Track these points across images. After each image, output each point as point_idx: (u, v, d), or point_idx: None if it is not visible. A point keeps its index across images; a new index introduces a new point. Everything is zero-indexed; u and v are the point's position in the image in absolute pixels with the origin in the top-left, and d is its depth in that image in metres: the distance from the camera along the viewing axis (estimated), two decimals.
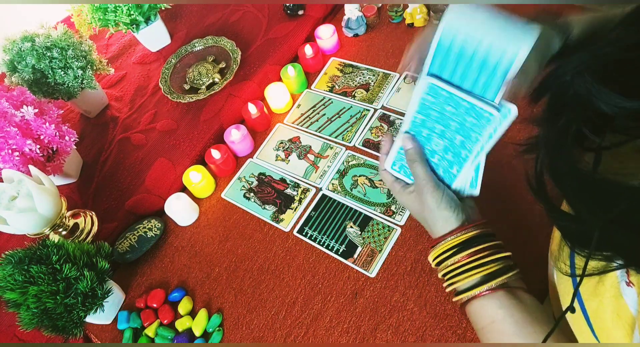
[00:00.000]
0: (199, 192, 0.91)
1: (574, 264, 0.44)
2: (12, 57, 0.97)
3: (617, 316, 0.39)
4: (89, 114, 1.12)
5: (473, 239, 0.52)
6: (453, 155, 0.54)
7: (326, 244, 0.80)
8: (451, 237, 0.53)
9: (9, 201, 0.77)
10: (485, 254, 0.51)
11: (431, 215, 0.55)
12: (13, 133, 0.81)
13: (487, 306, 0.51)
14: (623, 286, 0.38)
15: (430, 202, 0.54)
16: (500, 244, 0.53)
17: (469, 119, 0.49)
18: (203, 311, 0.77)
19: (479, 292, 0.51)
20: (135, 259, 0.85)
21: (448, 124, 0.52)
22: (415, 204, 0.57)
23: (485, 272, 0.51)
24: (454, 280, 0.53)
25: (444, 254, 0.53)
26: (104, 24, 1.08)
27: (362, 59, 1.03)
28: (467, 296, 0.52)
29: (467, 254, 0.52)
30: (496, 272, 0.51)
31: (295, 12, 1.12)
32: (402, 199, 0.59)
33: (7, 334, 0.85)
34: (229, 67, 1.08)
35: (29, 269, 0.69)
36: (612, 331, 0.40)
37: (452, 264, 0.53)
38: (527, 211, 0.73)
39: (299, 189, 0.88)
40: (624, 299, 0.38)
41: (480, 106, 0.47)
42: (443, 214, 0.54)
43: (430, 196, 0.54)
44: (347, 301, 0.73)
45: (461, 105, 0.49)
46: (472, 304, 0.52)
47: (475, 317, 0.53)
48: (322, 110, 0.98)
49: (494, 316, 0.50)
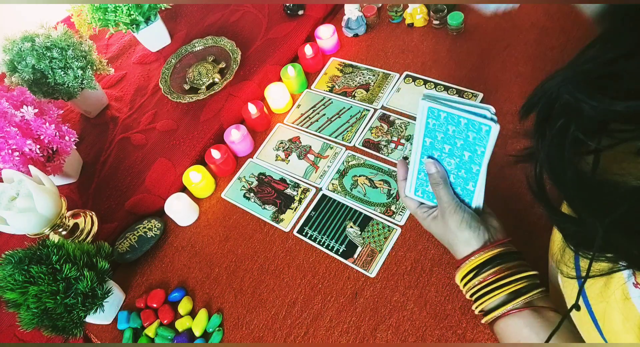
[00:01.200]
0: (199, 192, 0.91)
1: (578, 267, 0.44)
2: (12, 57, 0.97)
3: (626, 318, 0.38)
4: (89, 114, 1.12)
5: (495, 258, 0.53)
6: (466, 172, 0.55)
7: (326, 244, 0.80)
8: (473, 257, 0.53)
9: (9, 201, 0.77)
10: (509, 272, 0.52)
11: (453, 236, 0.56)
12: (13, 133, 0.81)
13: (512, 325, 0.51)
14: (631, 288, 0.38)
15: (451, 224, 0.55)
16: (525, 263, 0.54)
17: (471, 134, 0.52)
18: (203, 311, 0.77)
19: (504, 311, 0.51)
20: (135, 259, 0.85)
21: (454, 142, 0.54)
22: (439, 228, 0.58)
23: (510, 291, 0.51)
24: (481, 301, 0.53)
25: (468, 275, 0.54)
26: (104, 24, 1.08)
27: (362, 59, 1.03)
28: (493, 316, 0.52)
29: (490, 273, 0.52)
30: (521, 291, 0.51)
31: (295, 12, 1.12)
32: (427, 224, 0.60)
33: (7, 334, 0.85)
34: (229, 67, 1.08)
35: (29, 269, 0.69)
36: (621, 334, 0.40)
37: (477, 284, 0.53)
38: (527, 211, 0.73)
39: (299, 189, 0.88)
40: (631, 300, 0.38)
41: (477, 121, 0.50)
42: (464, 234, 0.54)
43: (451, 217, 0.55)
44: (347, 301, 0.73)
45: (461, 123, 0.52)
46: (499, 323, 0.53)
47: (502, 337, 0.53)
48: (322, 111, 0.98)
49: (519, 335, 0.51)
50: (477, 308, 0.55)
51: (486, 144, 0.51)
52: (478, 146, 0.52)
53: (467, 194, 0.57)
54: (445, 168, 0.57)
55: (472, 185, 0.56)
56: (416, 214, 0.62)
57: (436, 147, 0.56)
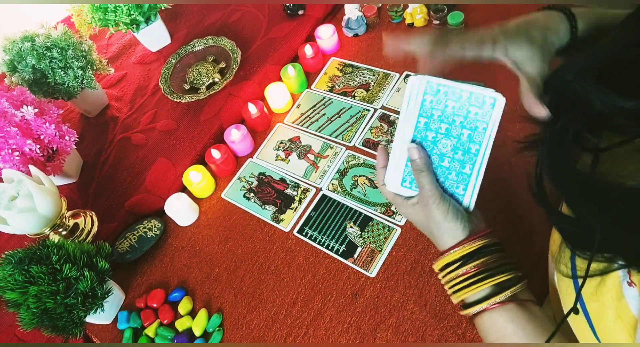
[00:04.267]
0: (199, 192, 0.91)
1: (574, 266, 0.44)
2: (12, 57, 0.97)
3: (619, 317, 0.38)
4: (89, 114, 1.12)
5: (480, 250, 0.51)
6: (463, 153, 0.52)
7: (326, 244, 0.80)
8: (457, 248, 0.52)
9: (9, 201, 0.77)
10: (496, 265, 0.51)
11: (437, 227, 0.54)
12: (13, 133, 0.81)
13: (497, 319, 0.50)
14: (625, 286, 0.38)
15: (436, 214, 0.53)
16: (507, 255, 0.53)
17: (472, 109, 0.49)
18: (203, 311, 0.77)
19: (488, 305, 0.50)
20: (135, 259, 0.85)
21: (453, 121, 0.51)
22: (419, 216, 0.56)
23: (495, 283, 0.50)
24: (462, 292, 0.52)
25: (451, 266, 0.53)
26: (104, 24, 1.08)
27: (362, 59, 1.03)
28: (476, 309, 0.51)
29: (476, 264, 0.51)
30: (505, 283, 0.50)
31: (295, 12, 1.12)
32: (406, 211, 0.58)
33: (7, 334, 0.84)
34: (229, 67, 1.08)
35: (29, 269, 0.69)
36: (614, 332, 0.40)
37: (460, 275, 0.52)
38: (527, 211, 0.73)
39: (299, 189, 0.88)
40: (625, 299, 0.38)
41: (481, 93, 0.48)
42: (449, 225, 0.53)
43: (437, 207, 0.53)
44: (347, 300, 0.73)
45: (462, 97, 0.49)
46: (482, 316, 0.52)
47: (485, 330, 0.52)
48: (322, 110, 0.98)
49: (504, 329, 0.50)
50: (456, 299, 0.53)
51: (489, 119, 0.48)
52: (480, 122, 0.49)
53: (463, 179, 0.53)
54: (440, 151, 0.53)
55: (469, 168, 0.52)
56: (395, 201, 0.59)
57: (431, 128, 0.52)
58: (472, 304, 0.52)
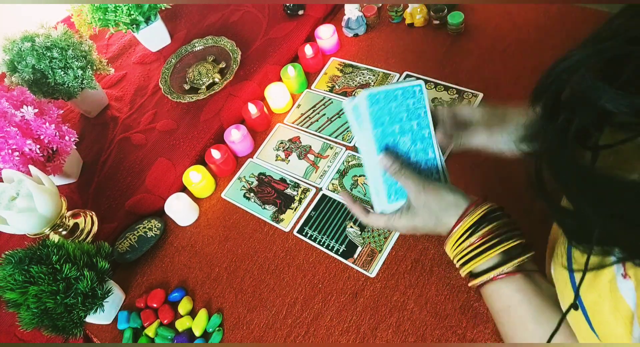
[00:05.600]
0: (199, 192, 0.91)
1: (571, 258, 0.44)
2: (12, 57, 0.97)
3: (615, 309, 0.38)
4: (89, 114, 1.12)
5: (486, 216, 0.51)
6: (421, 142, 0.57)
7: (326, 244, 0.80)
8: (466, 217, 0.52)
9: (9, 201, 0.77)
10: (500, 232, 0.51)
11: (438, 207, 0.53)
12: (13, 133, 0.81)
13: (504, 289, 0.51)
14: (619, 279, 0.38)
15: (432, 194, 0.53)
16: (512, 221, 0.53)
17: (409, 101, 0.55)
18: (203, 311, 0.77)
19: (495, 275, 0.50)
20: (135, 259, 0.85)
21: (400, 118, 0.56)
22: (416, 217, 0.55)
23: (501, 250, 0.50)
24: (471, 263, 0.52)
25: (462, 237, 0.52)
26: (104, 24, 1.08)
27: (362, 59, 1.03)
28: (483, 279, 0.51)
29: (482, 234, 0.51)
30: (512, 252, 0.50)
31: (295, 12, 1.12)
32: (402, 223, 0.57)
33: (7, 334, 0.84)
34: (229, 67, 1.08)
35: (29, 269, 0.69)
36: (610, 325, 0.39)
37: (468, 247, 0.52)
38: (527, 211, 0.73)
39: (299, 189, 0.88)
40: (619, 292, 0.38)
41: (408, 85, 0.55)
42: (450, 198, 0.53)
43: (432, 188, 0.54)
44: (348, 300, 0.73)
45: (398, 95, 0.55)
46: (489, 286, 0.52)
47: (491, 300, 0.52)
48: (322, 110, 0.98)
49: (511, 299, 0.50)
50: (465, 272, 0.53)
51: (424, 103, 0.56)
52: (419, 109, 0.56)
53: (431, 163, 0.58)
54: (404, 149, 0.56)
55: (431, 152, 0.57)
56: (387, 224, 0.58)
57: (387, 133, 0.55)
58: (480, 274, 0.52)
